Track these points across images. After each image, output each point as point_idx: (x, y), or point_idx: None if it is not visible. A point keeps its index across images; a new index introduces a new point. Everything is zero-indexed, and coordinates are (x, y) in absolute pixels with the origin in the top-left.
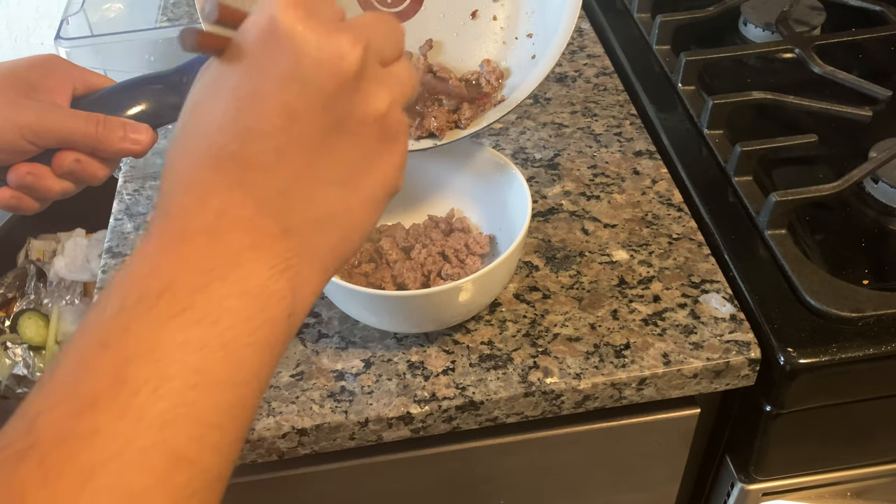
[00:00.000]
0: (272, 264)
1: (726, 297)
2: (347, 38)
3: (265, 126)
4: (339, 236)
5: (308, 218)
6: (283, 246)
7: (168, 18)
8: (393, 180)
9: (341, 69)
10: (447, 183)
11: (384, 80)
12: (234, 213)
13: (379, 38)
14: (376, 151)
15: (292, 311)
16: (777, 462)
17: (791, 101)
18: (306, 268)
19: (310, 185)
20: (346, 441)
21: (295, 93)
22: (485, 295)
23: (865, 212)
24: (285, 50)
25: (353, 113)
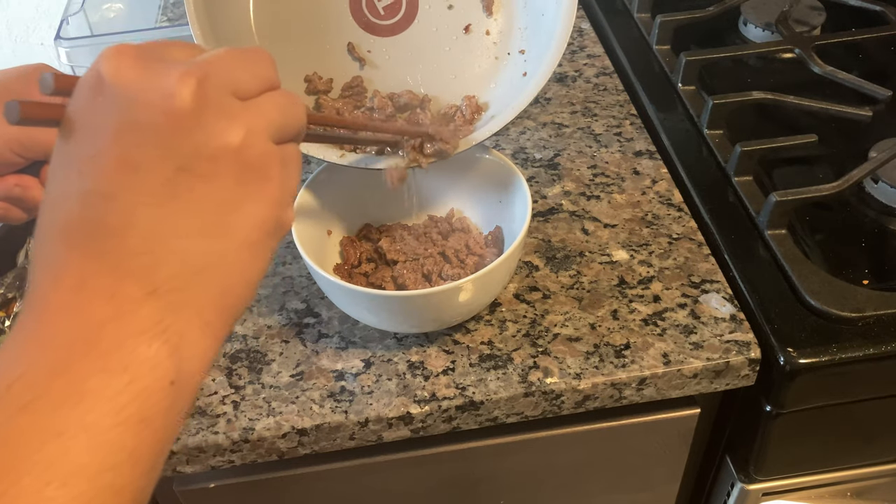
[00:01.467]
0: (140, 331)
1: (726, 297)
2: (175, 74)
3: (106, 186)
4: (218, 287)
5: (177, 274)
6: (152, 307)
7: (168, 18)
8: (271, 218)
9: (172, 106)
10: (447, 183)
11: (236, 113)
12: (91, 285)
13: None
14: (240, 191)
15: (176, 377)
16: (777, 462)
17: (791, 101)
18: (185, 327)
19: (170, 240)
20: (346, 441)
21: (130, 143)
22: (485, 295)
23: (865, 212)
24: (113, 99)
25: (199, 153)
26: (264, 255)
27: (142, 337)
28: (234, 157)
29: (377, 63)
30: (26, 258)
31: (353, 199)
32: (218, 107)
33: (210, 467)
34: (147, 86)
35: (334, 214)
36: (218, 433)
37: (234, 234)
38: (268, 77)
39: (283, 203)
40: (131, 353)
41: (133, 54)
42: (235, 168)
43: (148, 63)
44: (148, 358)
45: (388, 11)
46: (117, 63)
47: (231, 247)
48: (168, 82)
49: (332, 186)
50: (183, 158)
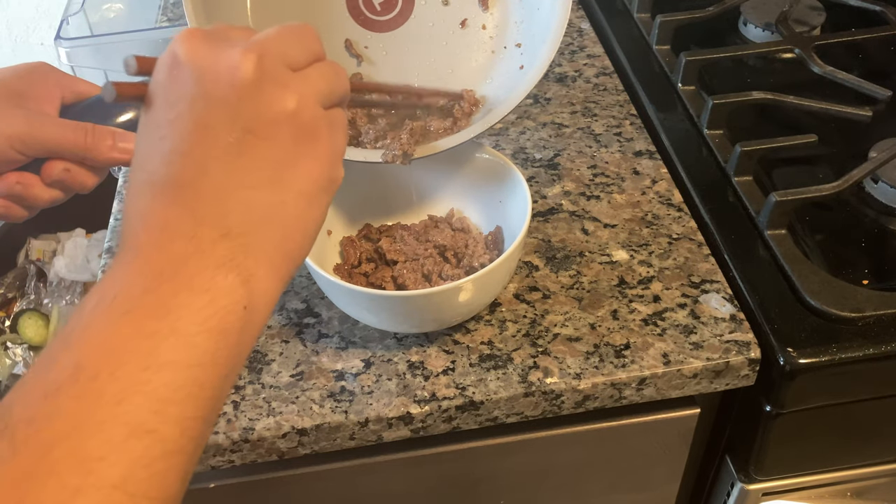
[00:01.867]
0: (217, 264)
1: (726, 297)
2: (238, 51)
3: (183, 145)
4: (280, 233)
5: (245, 220)
6: (226, 247)
7: (168, 18)
8: (323, 174)
9: (237, 78)
10: (447, 183)
11: (290, 83)
12: (174, 228)
13: (280, 46)
14: (296, 150)
15: (248, 304)
16: (777, 462)
17: (791, 101)
18: (254, 264)
19: (238, 191)
20: (346, 441)
21: (202, 109)
22: (485, 295)
23: (865, 212)
24: (187, 75)
25: (261, 116)
26: (319, 206)
27: (219, 269)
28: (289, 120)
29: (374, 59)
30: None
31: (353, 199)
32: (275, 77)
33: (210, 467)
34: (215, 61)
35: (334, 214)
36: (218, 433)
37: (292, 187)
38: (315, 50)
39: (332, 160)
40: (210, 279)
41: (202, 36)
42: (291, 130)
43: (215, 42)
44: (225, 285)
45: (384, 7)
46: (189, 43)
47: (290, 198)
48: (233, 57)
49: None
50: (247, 121)
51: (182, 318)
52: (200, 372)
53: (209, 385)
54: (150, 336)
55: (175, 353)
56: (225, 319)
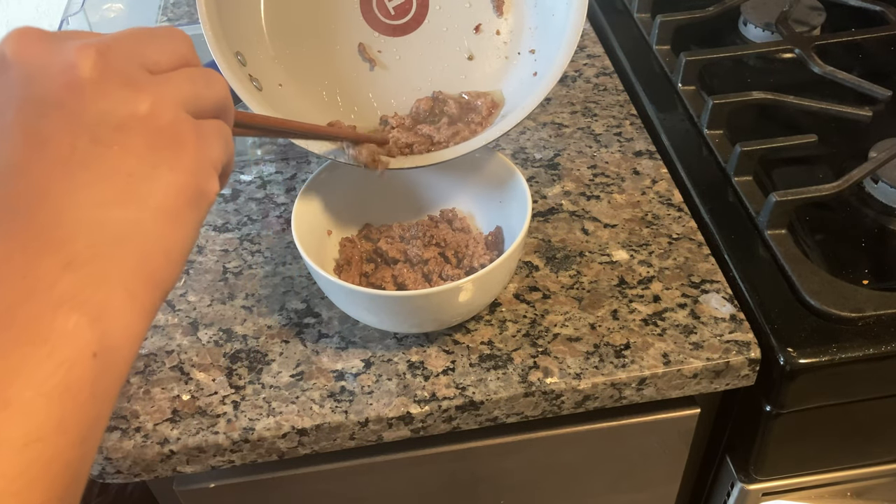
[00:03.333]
0: (57, 304)
1: (726, 297)
2: (75, 47)
3: (15, 159)
4: (137, 256)
5: (92, 244)
6: (68, 282)
7: (168, 18)
8: (187, 187)
9: (73, 79)
10: (447, 183)
11: (143, 83)
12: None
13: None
14: (153, 159)
15: (99, 349)
16: (777, 462)
17: (791, 101)
18: (106, 298)
19: (83, 210)
20: (346, 441)
21: (34, 117)
22: (485, 295)
23: (865, 212)
24: (14, 76)
25: (106, 121)
26: (186, 225)
27: (59, 310)
28: (142, 125)
29: (387, 64)
30: None
31: (353, 199)
32: (123, 77)
33: (210, 467)
34: (49, 60)
35: (334, 214)
36: (218, 433)
37: (150, 203)
38: (180, 53)
39: (200, 172)
40: (49, 326)
41: (36, 34)
42: (145, 136)
43: (51, 41)
44: (67, 330)
45: (398, 12)
46: (19, 42)
47: (147, 215)
48: (68, 56)
49: (332, 186)
50: (89, 128)
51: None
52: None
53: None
54: None
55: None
56: (70, 374)
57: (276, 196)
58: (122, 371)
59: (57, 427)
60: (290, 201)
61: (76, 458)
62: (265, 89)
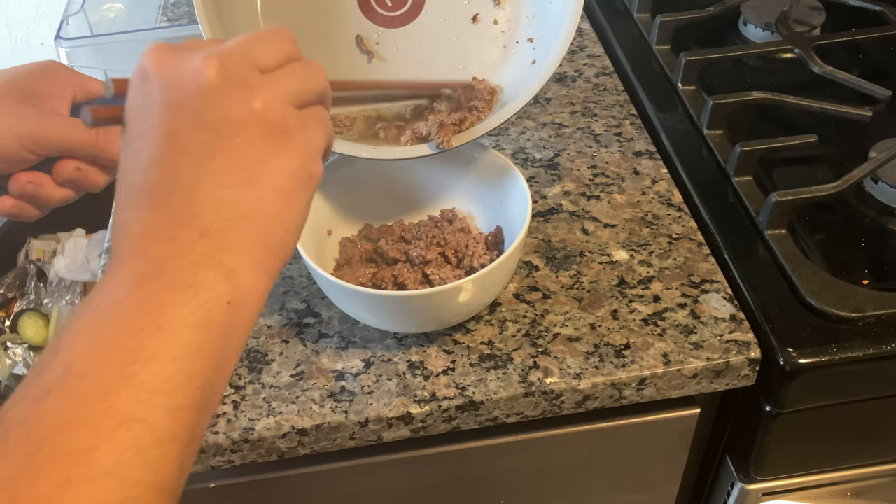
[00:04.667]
0: (198, 261)
1: (726, 297)
2: (200, 58)
3: (156, 154)
4: (258, 229)
5: (222, 218)
6: (205, 245)
7: (168, 18)
8: (299, 170)
9: (200, 84)
10: (447, 183)
11: (255, 84)
12: (153, 233)
13: (246, 50)
14: (267, 148)
15: (232, 298)
16: (777, 462)
17: (791, 101)
18: (235, 260)
19: (212, 191)
20: (346, 441)
21: (169, 117)
22: (485, 295)
23: (865, 212)
24: (153, 86)
25: (228, 118)
26: (298, 202)
27: (199, 266)
28: (257, 119)
29: (385, 55)
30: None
31: (353, 199)
32: (239, 80)
33: (210, 467)
34: (179, 69)
35: (334, 214)
36: (218, 433)
37: (266, 184)
38: (285, 51)
39: (308, 156)
40: (192, 276)
41: (168, 48)
42: (260, 129)
43: (180, 53)
44: (207, 280)
45: (395, 3)
46: (155, 56)
47: (265, 195)
48: (195, 64)
49: (332, 186)
50: (215, 124)
51: (166, 314)
52: (188, 363)
53: (198, 375)
54: (135, 333)
55: (161, 347)
56: (210, 313)
57: None
58: (248, 321)
59: (198, 350)
60: None
61: (211, 380)
62: None
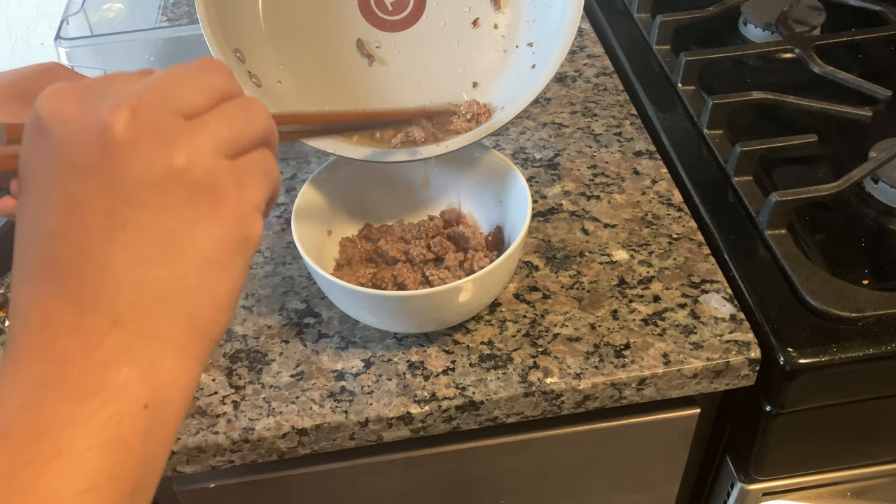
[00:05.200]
0: (107, 360)
1: (726, 297)
2: (107, 106)
3: (56, 225)
4: (184, 312)
5: (137, 302)
6: (117, 338)
7: (168, 18)
8: (231, 237)
9: (106, 141)
10: (447, 183)
11: (177, 135)
12: (55, 323)
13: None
14: (192, 214)
15: (150, 401)
16: (777, 462)
17: (791, 101)
18: (156, 352)
19: (125, 271)
20: (346, 441)
21: (70, 182)
22: (485, 295)
23: (865, 212)
24: (51, 141)
25: (142, 181)
26: (230, 273)
27: (110, 365)
28: (179, 180)
29: (386, 59)
30: None
31: (353, 199)
32: (156, 132)
33: (210, 467)
34: (81, 123)
35: (334, 214)
36: (218, 433)
37: (192, 258)
38: (216, 88)
39: (241, 219)
40: (100, 380)
41: (69, 93)
42: (183, 191)
43: (84, 100)
44: (117, 384)
45: (396, 7)
46: (53, 104)
47: (190, 270)
48: (101, 116)
49: (332, 186)
50: (125, 190)
51: (65, 435)
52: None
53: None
54: (28, 464)
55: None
56: (121, 426)
57: None
58: (175, 419)
59: (109, 477)
60: (290, 201)
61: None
62: (264, 86)
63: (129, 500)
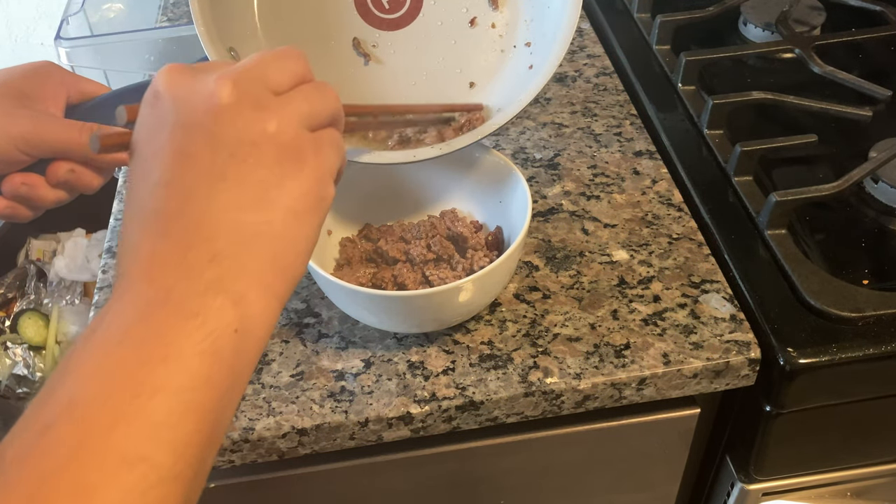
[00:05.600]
0: (206, 288)
1: (726, 297)
2: (213, 78)
3: (166, 175)
4: (270, 253)
5: (232, 242)
6: (214, 271)
7: (168, 18)
8: (311, 193)
9: (213, 105)
10: (447, 183)
11: (269, 105)
12: (162, 257)
13: (259, 71)
14: (280, 170)
15: (239, 326)
16: (777, 462)
17: (791, 101)
18: (244, 286)
19: (224, 213)
20: (346, 441)
21: (181, 138)
22: (485, 295)
23: (865, 212)
24: (166, 106)
25: (241, 140)
26: (309, 224)
27: (207, 293)
28: (270, 141)
29: (382, 58)
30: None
31: (353, 199)
32: (253, 101)
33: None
34: (193, 90)
35: (334, 214)
36: None
37: (278, 207)
38: (298, 72)
39: (320, 179)
40: (200, 303)
41: (181, 69)
42: (273, 151)
43: (193, 73)
44: (214, 307)
45: (392, 5)
46: (168, 77)
47: (277, 217)
48: (208, 85)
49: None
50: (227, 146)
51: (172, 343)
52: (195, 395)
53: (205, 408)
54: (141, 364)
55: (167, 379)
56: (217, 342)
57: None
58: (258, 346)
59: (205, 381)
60: None
61: (218, 411)
62: None
63: (219, 405)
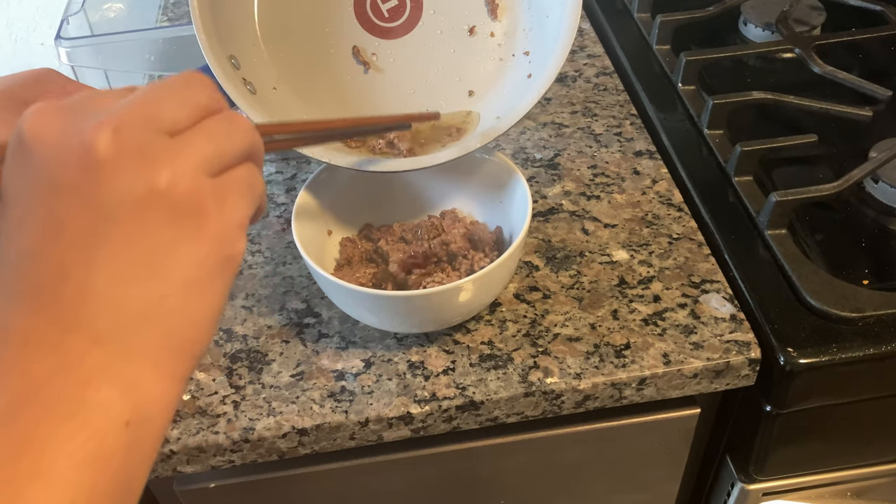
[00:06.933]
0: (88, 378)
1: (726, 297)
2: (90, 125)
3: (35, 246)
4: (163, 331)
5: (117, 322)
6: (97, 357)
7: (168, 18)
8: (212, 256)
9: (89, 161)
10: (447, 183)
11: (160, 154)
12: (35, 340)
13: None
14: (173, 233)
15: (133, 417)
16: (777, 462)
17: (791, 101)
18: (136, 371)
19: (106, 288)
20: (346, 441)
21: (51, 202)
22: (485, 295)
23: (865, 212)
24: (33, 161)
25: (122, 202)
26: (212, 292)
27: (90, 384)
28: (160, 199)
29: (381, 67)
30: None
31: (353, 199)
32: (139, 150)
33: (210, 467)
34: (64, 142)
35: (334, 214)
36: (218, 433)
37: (172, 277)
38: (201, 103)
39: (224, 238)
40: (80, 399)
41: (52, 113)
42: (164, 210)
43: (67, 118)
44: (98, 402)
45: (392, 14)
46: (36, 123)
47: (170, 290)
48: (84, 136)
49: (332, 186)
50: (107, 209)
51: (44, 453)
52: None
53: None
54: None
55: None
56: (103, 443)
57: (277, 196)
58: (156, 437)
59: (89, 495)
60: (290, 201)
61: None
62: (259, 93)
63: None
